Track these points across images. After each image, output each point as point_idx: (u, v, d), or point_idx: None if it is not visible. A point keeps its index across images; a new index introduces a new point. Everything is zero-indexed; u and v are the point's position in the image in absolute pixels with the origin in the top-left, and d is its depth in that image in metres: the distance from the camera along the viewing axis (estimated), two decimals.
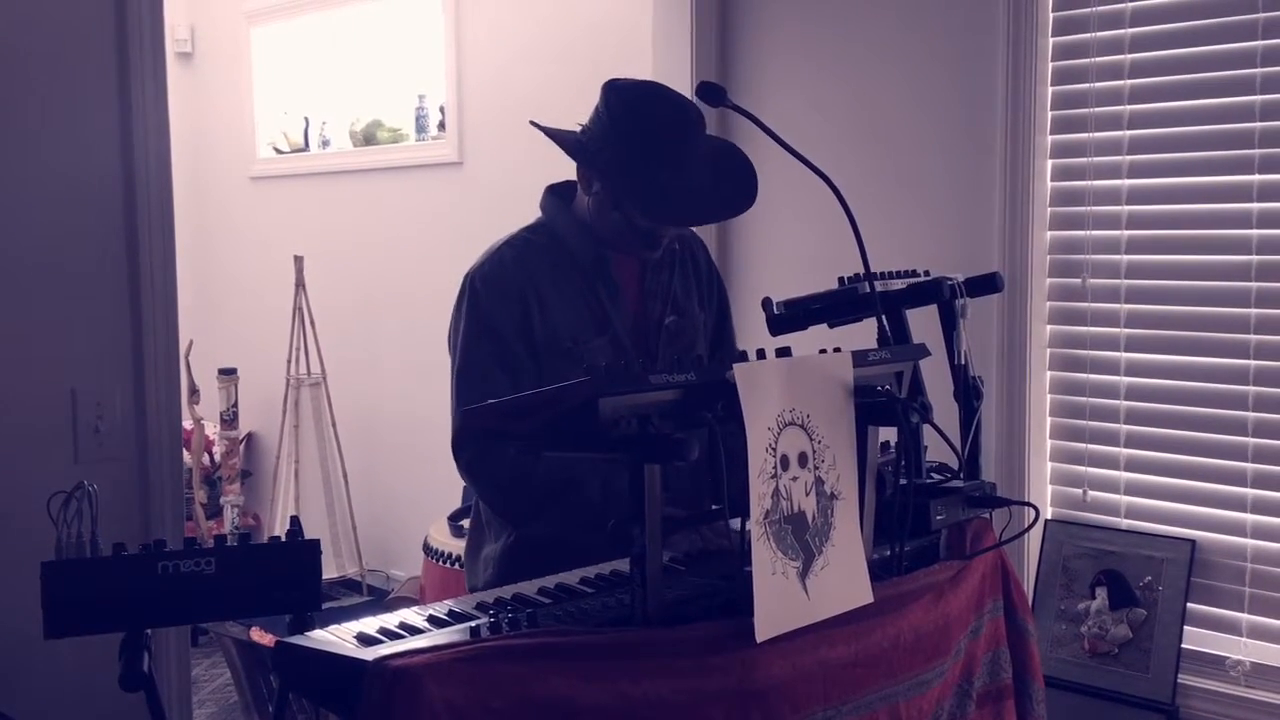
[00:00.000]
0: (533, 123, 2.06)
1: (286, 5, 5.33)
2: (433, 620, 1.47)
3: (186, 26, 5.72)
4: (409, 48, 4.96)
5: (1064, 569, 2.82)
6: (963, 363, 1.98)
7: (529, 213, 2.22)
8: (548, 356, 2.02)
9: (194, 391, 4.91)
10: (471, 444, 2.00)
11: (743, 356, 1.51)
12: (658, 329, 2.13)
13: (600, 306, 2.07)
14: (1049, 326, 2.88)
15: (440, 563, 3.73)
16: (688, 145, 1.98)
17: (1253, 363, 2.59)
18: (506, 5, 4.52)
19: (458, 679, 1.28)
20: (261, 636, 3.47)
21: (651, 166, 1.94)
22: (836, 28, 3.19)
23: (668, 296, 2.15)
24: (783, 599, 1.47)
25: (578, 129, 2.05)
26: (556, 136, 2.04)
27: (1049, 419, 2.90)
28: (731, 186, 2.03)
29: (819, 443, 1.54)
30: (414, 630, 1.42)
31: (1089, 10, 2.76)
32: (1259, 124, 2.56)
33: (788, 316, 2.06)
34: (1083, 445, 2.84)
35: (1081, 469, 2.85)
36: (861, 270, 1.90)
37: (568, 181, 2.13)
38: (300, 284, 4.98)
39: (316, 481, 5.19)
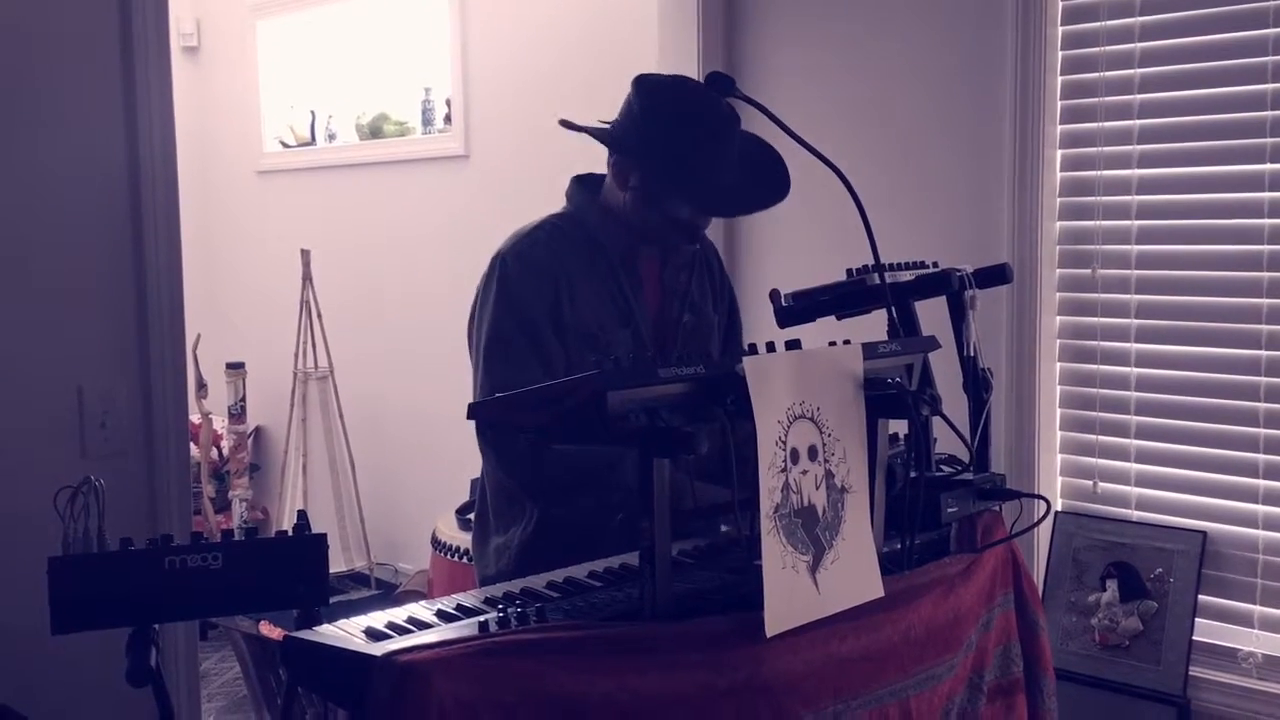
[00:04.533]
0: (562, 121, 2.05)
1: None
2: (441, 615, 1.46)
3: (192, 20, 5.72)
4: (415, 41, 4.95)
5: (1074, 561, 2.81)
6: (972, 354, 1.97)
7: (536, 205, 2.21)
8: (574, 341, 2.01)
9: (202, 386, 4.91)
10: (495, 424, 1.98)
11: (752, 349, 1.50)
12: (675, 327, 2.14)
13: (624, 298, 2.08)
14: (1059, 318, 2.87)
15: (448, 556, 3.73)
16: (725, 138, 1.99)
17: (1264, 353, 2.57)
18: None
19: (466, 674, 1.28)
20: (271, 631, 3.47)
21: (690, 157, 1.95)
22: (844, 18, 3.17)
23: (685, 296, 2.16)
24: (793, 593, 1.46)
25: (603, 125, 2.06)
26: (591, 132, 2.04)
27: (1059, 411, 2.88)
28: (766, 177, 2.04)
29: (829, 436, 1.53)
30: (422, 625, 1.42)
31: None
32: (1270, 112, 2.54)
33: (796, 308, 2.05)
34: (1093, 437, 2.83)
35: (1092, 461, 2.83)
36: (869, 262, 1.89)
37: (594, 174, 2.12)
38: (307, 278, 4.98)
39: (324, 475, 5.19)
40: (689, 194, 1.97)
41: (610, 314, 2.06)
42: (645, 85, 2.03)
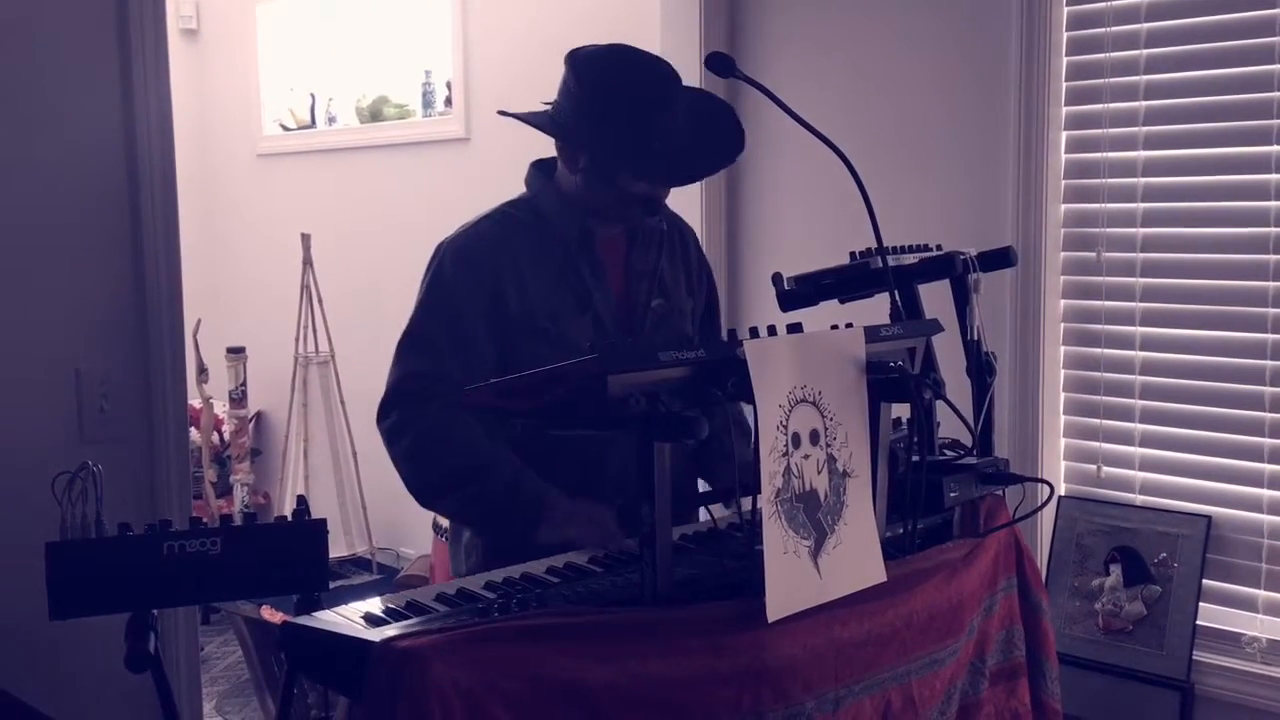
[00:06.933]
0: (501, 112, 2.00)
1: None
2: (441, 600, 1.45)
3: (192, 3, 5.69)
4: (415, 23, 4.93)
5: (1078, 546, 2.80)
6: (976, 338, 1.96)
7: None
8: (522, 335, 1.95)
9: (203, 370, 4.90)
10: (397, 409, 1.95)
11: (753, 333, 1.49)
12: (644, 311, 2.06)
13: (582, 284, 2.00)
14: (1063, 301, 2.85)
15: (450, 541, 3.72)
16: (668, 102, 1.92)
17: (1270, 336, 2.55)
18: None
19: (466, 660, 1.27)
20: (272, 614, 3.47)
21: (639, 130, 1.88)
22: (846, 2, 3.15)
23: (654, 277, 2.08)
24: (795, 579, 1.45)
25: (544, 108, 2.00)
26: (529, 120, 1.97)
27: (1063, 395, 2.87)
28: (718, 135, 1.98)
29: (831, 420, 1.52)
30: (422, 610, 1.41)
31: None
32: (1278, 93, 2.51)
33: (798, 292, 2.04)
34: (1097, 421, 2.82)
35: (1096, 445, 2.82)
36: (872, 245, 1.88)
37: (553, 157, 2.07)
38: (308, 261, 4.97)
39: (326, 460, 5.18)
40: (640, 167, 1.90)
41: (566, 301, 1.98)
42: (580, 60, 1.94)
